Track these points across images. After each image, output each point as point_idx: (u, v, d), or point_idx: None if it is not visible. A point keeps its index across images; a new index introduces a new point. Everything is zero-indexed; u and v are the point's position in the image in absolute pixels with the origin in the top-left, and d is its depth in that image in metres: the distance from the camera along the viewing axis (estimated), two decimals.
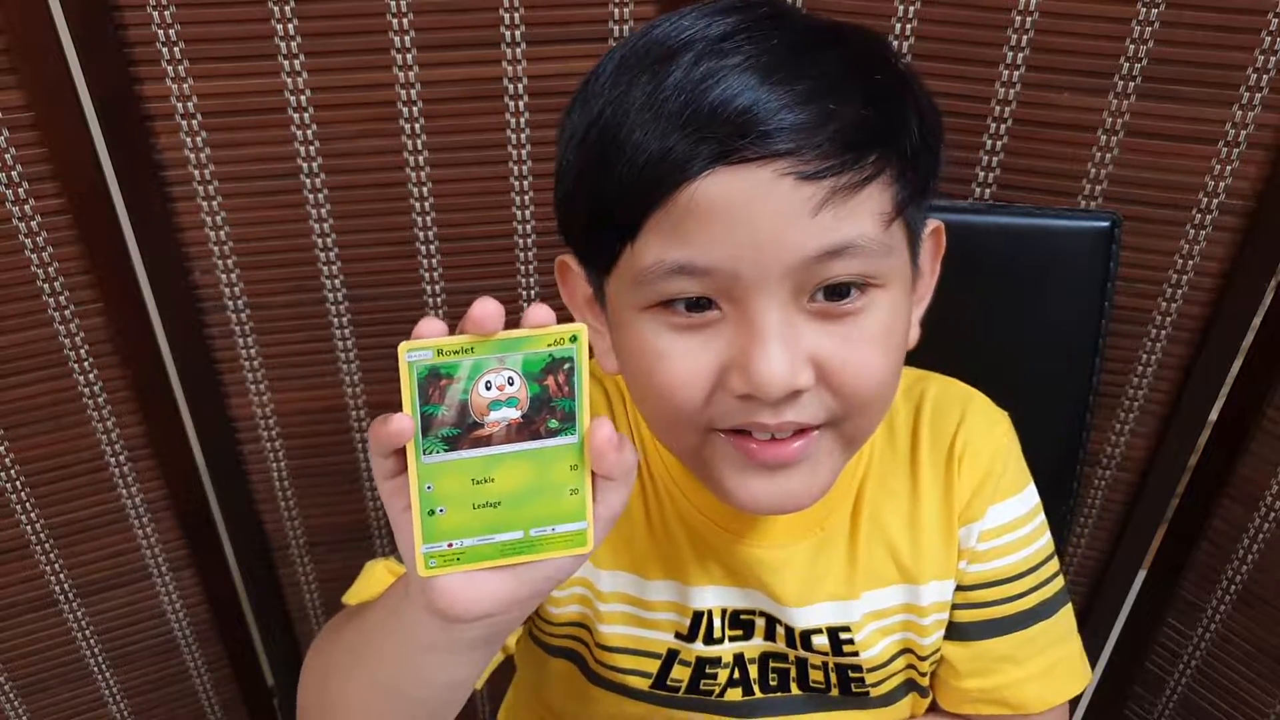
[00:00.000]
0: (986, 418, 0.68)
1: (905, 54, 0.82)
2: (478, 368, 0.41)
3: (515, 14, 0.81)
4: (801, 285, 0.51)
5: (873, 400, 0.55)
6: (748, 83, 0.48)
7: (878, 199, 0.51)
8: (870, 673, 0.67)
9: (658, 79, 0.50)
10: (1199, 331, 0.88)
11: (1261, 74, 0.77)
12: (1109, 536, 1.02)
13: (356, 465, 1.02)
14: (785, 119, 0.48)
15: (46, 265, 0.84)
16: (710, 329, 0.52)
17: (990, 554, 0.66)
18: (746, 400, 0.52)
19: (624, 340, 0.56)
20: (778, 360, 0.50)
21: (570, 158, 0.55)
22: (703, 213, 0.49)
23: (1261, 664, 0.99)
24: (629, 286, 0.53)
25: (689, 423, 0.54)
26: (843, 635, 0.66)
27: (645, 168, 0.49)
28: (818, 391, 0.53)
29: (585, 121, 0.53)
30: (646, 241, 0.51)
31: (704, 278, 0.50)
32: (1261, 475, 0.92)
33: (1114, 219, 0.79)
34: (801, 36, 0.52)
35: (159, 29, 0.78)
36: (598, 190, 0.52)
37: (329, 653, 0.59)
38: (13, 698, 1.05)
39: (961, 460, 0.65)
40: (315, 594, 1.11)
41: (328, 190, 0.87)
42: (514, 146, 0.87)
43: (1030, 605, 0.67)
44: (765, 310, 0.50)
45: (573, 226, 0.57)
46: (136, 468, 0.97)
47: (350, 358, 0.96)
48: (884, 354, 0.54)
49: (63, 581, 1.00)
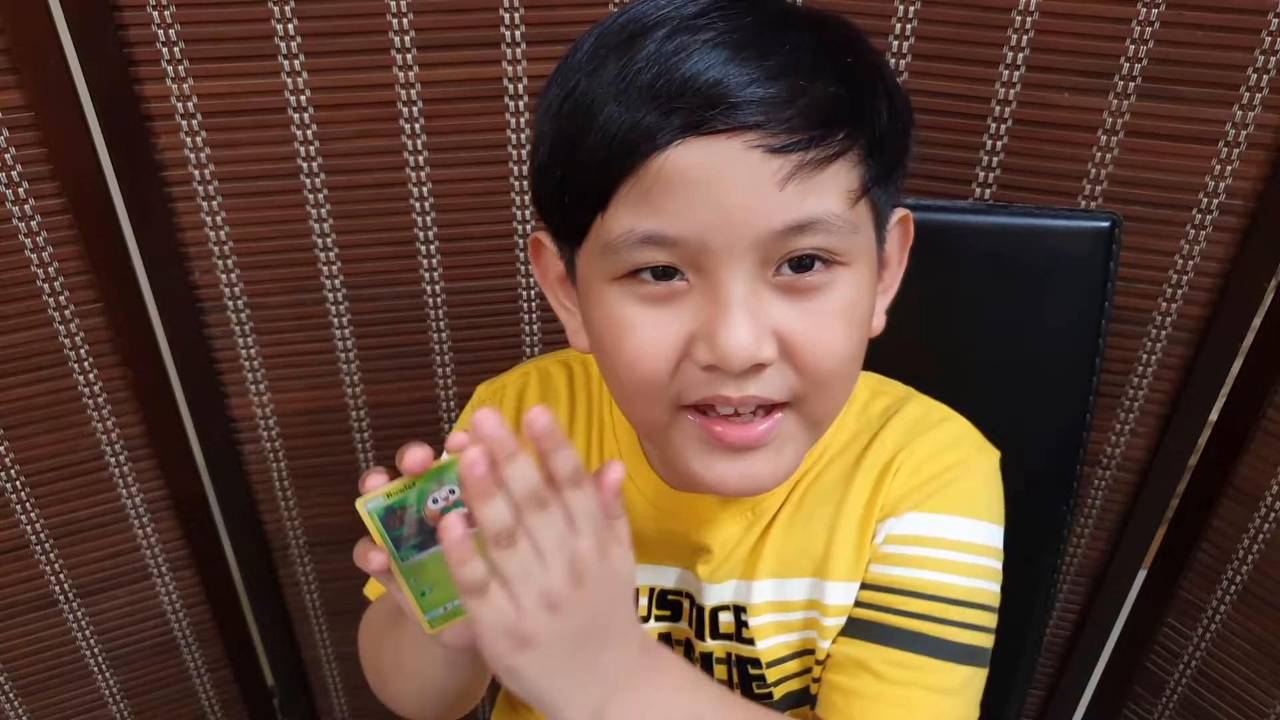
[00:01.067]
0: (953, 436, 0.65)
1: (905, 54, 0.82)
2: (422, 494, 0.51)
3: (515, 14, 0.81)
4: (767, 257, 0.51)
5: (833, 377, 0.55)
6: (718, 57, 0.49)
7: (845, 176, 0.52)
8: (769, 668, 0.67)
9: (631, 52, 0.51)
10: (1199, 331, 0.88)
11: (1261, 74, 0.77)
12: (1109, 536, 1.02)
13: (356, 465, 1.03)
14: (755, 92, 0.49)
15: (46, 265, 0.85)
16: (677, 300, 0.53)
17: (894, 558, 0.62)
18: (711, 372, 0.52)
19: (592, 313, 0.57)
20: (742, 330, 0.51)
21: (544, 129, 0.56)
22: (672, 183, 0.50)
23: (1261, 664, 0.99)
24: (598, 257, 0.54)
25: (656, 396, 0.55)
26: (742, 616, 0.66)
27: (615, 139, 0.50)
28: (780, 367, 0.53)
29: (560, 94, 0.54)
30: (616, 212, 0.52)
31: (672, 247, 0.51)
32: (1261, 475, 0.92)
33: (1114, 219, 0.78)
34: (774, 17, 0.53)
35: (159, 29, 0.78)
36: (569, 161, 0.53)
37: (377, 660, 0.69)
38: (13, 698, 1.05)
39: (900, 467, 0.63)
40: (315, 594, 1.11)
41: (328, 190, 0.87)
42: (514, 146, 0.87)
43: (918, 630, 0.61)
44: (731, 281, 0.51)
45: (545, 198, 0.57)
46: (136, 468, 0.97)
47: (350, 358, 0.96)
48: (846, 331, 0.54)
49: (63, 581, 1.00)
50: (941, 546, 0.62)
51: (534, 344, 0.98)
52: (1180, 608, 1.04)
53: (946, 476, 0.63)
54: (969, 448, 0.65)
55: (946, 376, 0.71)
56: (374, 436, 1.01)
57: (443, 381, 0.99)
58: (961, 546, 0.62)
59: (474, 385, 0.99)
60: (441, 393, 1.00)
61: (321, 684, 1.21)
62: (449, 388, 0.99)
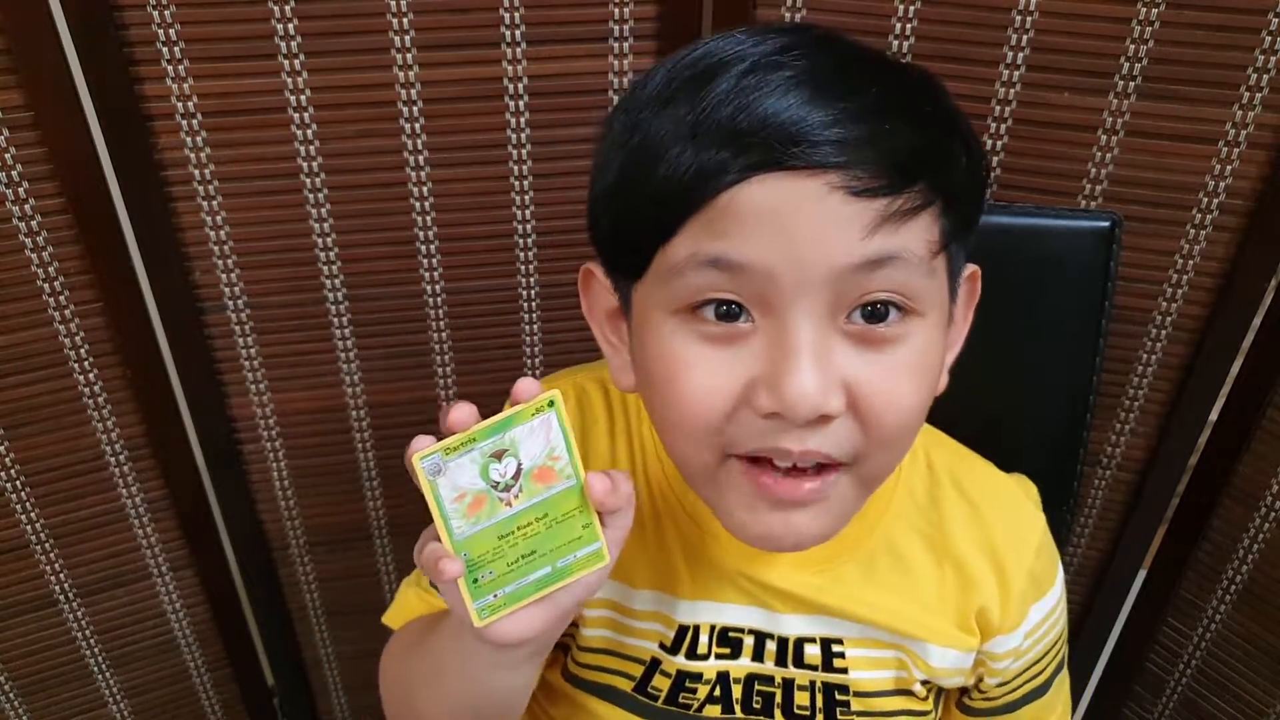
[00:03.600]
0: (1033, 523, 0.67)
1: (905, 54, 0.82)
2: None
3: (515, 14, 0.81)
4: (840, 299, 0.49)
5: (899, 436, 0.53)
6: (799, 96, 0.47)
7: (926, 227, 0.50)
8: (857, 698, 0.66)
9: (706, 88, 0.49)
10: (1199, 331, 0.88)
11: (1261, 74, 0.77)
12: (1109, 536, 1.02)
13: (356, 465, 1.03)
14: (836, 133, 0.47)
15: (46, 265, 0.85)
16: (740, 342, 0.50)
17: (1029, 650, 0.67)
18: (772, 420, 0.50)
19: (647, 347, 0.54)
20: (810, 378, 0.48)
21: (609, 159, 0.54)
22: (743, 213, 0.48)
23: (1261, 664, 0.99)
24: (658, 286, 0.52)
25: (707, 441, 0.52)
26: (834, 648, 0.65)
27: (687, 173, 0.48)
28: (845, 421, 0.51)
29: (628, 125, 0.52)
30: (681, 240, 0.50)
31: (738, 275, 0.49)
32: (1261, 475, 0.92)
33: (1114, 219, 0.78)
34: (854, 59, 0.51)
35: (159, 29, 0.78)
36: (636, 194, 0.51)
37: (406, 673, 0.66)
38: (13, 698, 1.05)
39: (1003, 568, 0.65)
40: (315, 594, 1.11)
41: (328, 190, 0.87)
42: (514, 146, 0.87)
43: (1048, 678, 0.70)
44: (800, 323, 0.49)
45: (605, 228, 0.56)
46: (136, 468, 0.97)
47: (350, 358, 0.96)
48: (917, 387, 0.52)
49: (63, 581, 1.00)
50: (1054, 615, 0.68)
51: (534, 344, 0.98)
52: (1180, 608, 1.04)
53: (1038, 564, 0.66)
54: (1043, 525, 0.68)
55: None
56: (374, 436, 1.01)
57: (443, 381, 0.99)
58: (1059, 606, 0.69)
59: (474, 385, 0.99)
60: (442, 393, 1.00)
61: (321, 684, 1.21)
62: (449, 388, 0.99)
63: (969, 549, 0.65)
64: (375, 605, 1.12)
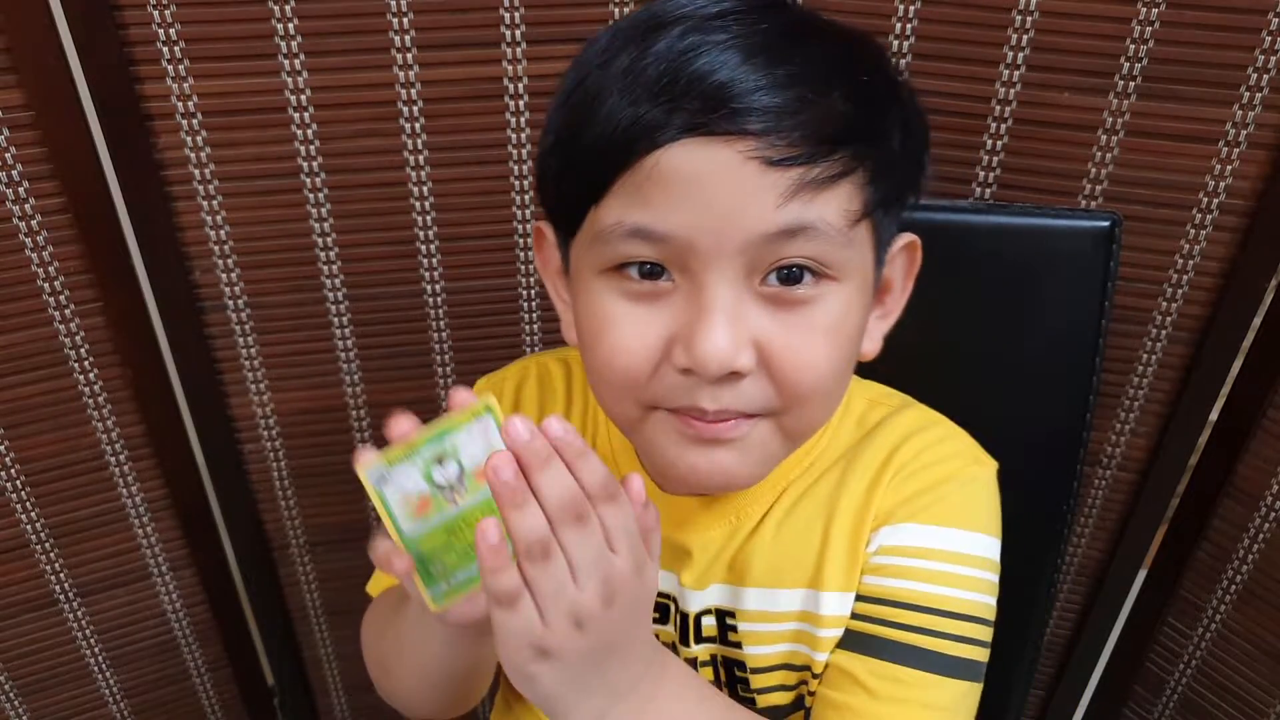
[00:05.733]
0: (949, 446, 0.64)
1: (905, 54, 0.82)
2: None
3: (515, 14, 0.81)
4: (755, 264, 0.51)
5: (812, 394, 0.54)
6: (728, 60, 0.48)
7: (846, 196, 0.51)
8: (754, 674, 0.66)
9: (643, 47, 0.50)
10: (1199, 331, 0.88)
11: (1261, 74, 0.77)
12: (1109, 536, 1.02)
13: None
14: (759, 99, 0.48)
15: (46, 265, 0.85)
16: (661, 300, 0.52)
17: (887, 569, 0.61)
18: (687, 376, 0.52)
19: (578, 305, 0.57)
20: (721, 335, 0.50)
21: (552, 117, 0.56)
22: (666, 180, 0.49)
23: (1261, 664, 0.99)
24: (589, 247, 0.54)
25: (632, 395, 0.55)
26: (728, 620, 0.65)
27: (616, 132, 0.50)
28: (758, 378, 0.52)
29: (571, 84, 0.54)
30: (609, 203, 0.52)
31: (660, 243, 0.51)
32: (1261, 475, 0.92)
33: (1114, 219, 0.78)
34: (794, 26, 0.52)
35: (159, 29, 0.78)
36: (571, 150, 0.53)
37: (380, 646, 0.69)
38: (13, 698, 1.05)
39: (896, 473, 0.62)
40: (315, 594, 1.11)
41: (328, 190, 0.87)
42: (514, 146, 0.87)
43: (911, 642, 0.59)
44: (715, 285, 0.50)
45: (546, 185, 0.57)
46: (136, 467, 0.97)
47: (350, 358, 0.96)
48: (830, 347, 0.53)
49: (63, 581, 1.00)
50: (936, 558, 0.61)
51: (534, 344, 0.98)
52: (1180, 608, 1.04)
53: (944, 488, 0.62)
54: (966, 459, 0.64)
55: (946, 376, 0.71)
56: (374, 436, 1.01)
57: (443, 381, 0.99)
58: (957, 558, 0.61)
59: (474, 385, 0.99)
60: (441, 393, 1.00)
61: (321, 684, 1.21)
62: (449, 388, 0.99)
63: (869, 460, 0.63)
64: None
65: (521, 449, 0.45)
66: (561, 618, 0.47)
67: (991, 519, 0.64)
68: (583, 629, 0.47)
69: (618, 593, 0.48)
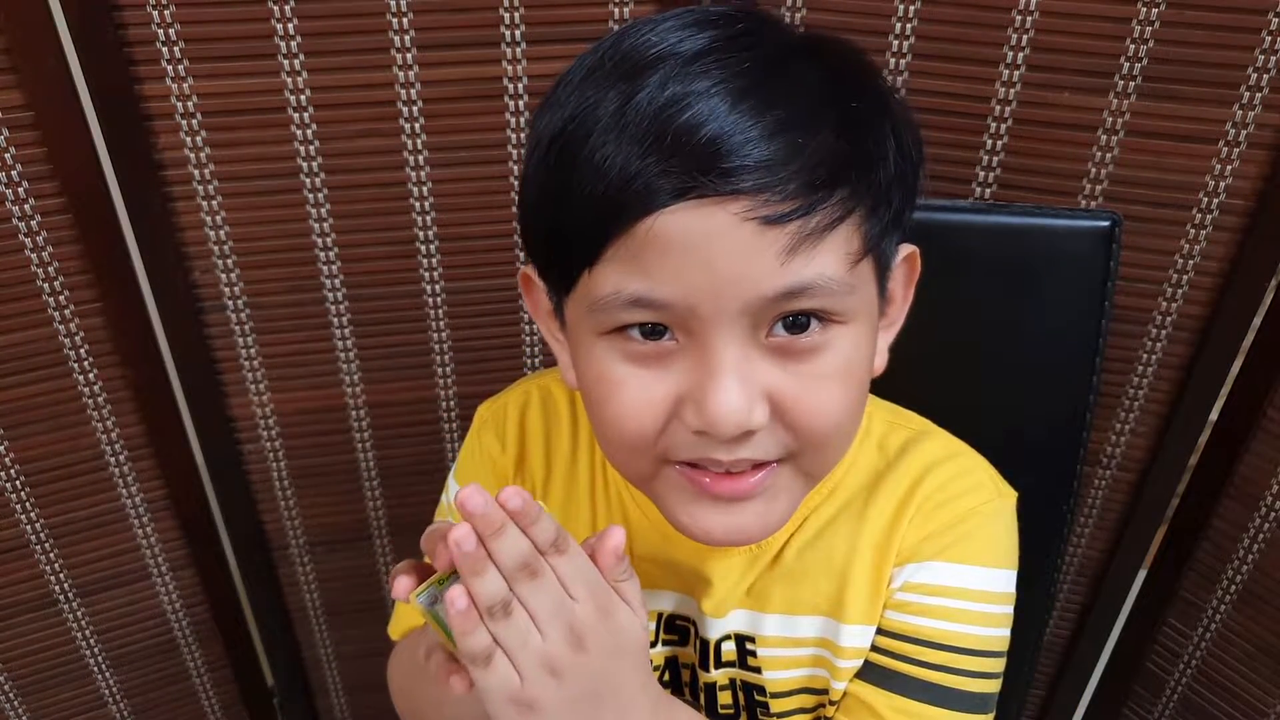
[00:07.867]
0: (973, 479, 0.64)
1: (905, 54, 0.82)
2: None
3: (515, 14, 0.81)
4: (759, 320, 0.49)
5: (830, 437, 0.53)
6: (715, 109, 0.46)
7: (845, 239, 0.50)
8: (774, 699, 0.66)
9: (624, 96, 0.48)
10: (1199, 331, 0.88)
11: (1261, 74, 0.77)
12: (1109, 536, 1.02)
13: (356, 465, 1.03)
14: (750, 154, 0.46)
15: (46, 265, 0.85)
16: (666, 359, 0.51)
17: (911, 607, 0.62)
18: (701, 435, 0.51)
19: (580, 364, 0.55)
20: (733, 397, 0.49)
21: (533, 169, 0.53)
22: (663, 246, 0.48)
23: (1261, 664, 0.99)
24: (586, 312, 0.52)
25: (641, 453, 0.53)
26: (748, 645, 0.65)
27: (606, 195, 0.48)
28: (773, 429, 0.51)
29: (550, 132, 0.51)
30: (604, 270, 0.50)
31: (661, 310, 0.49)
32: (1261, 475, 0.92)
33: (1114, 219, 0.78)
34: (777, 53, 0.50)
35: (159, 29, 0.78)
36: (558, 211, 0.51)
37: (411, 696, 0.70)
38: (13, 698, 1.05)
39: (919, 508, 0.62)
40: (315, 594, 1.11)
41: (328, 190, 0.87)
42: (514, 146, 0.87)
43: (932, 680, 0.61)
44: (722, 345, 0.49)
45: (533, 242, 0.56)
46: (136, 468, 0.97)
47: (350, 358, 0.96)
48: (843, 391, 0.52)
49: (63, 581, 1.00)
50: (960, 597, 0.61)
51: (534, 344, 0.98)
52: (1180, 608, 1.04)
53: (967, 525, 0.62)
54: (988, 492, 0.64)
55: (946, 376, 0.71)
56: (374, 436, 1.01)
57: (443, 381, 0.99)
58: (980, 596, 0.61)
59: (474, 385, 0.99)
60: (441, 393, 1.00)
61: (321, 684, 1.21)
62: (449, 388, 0.99)
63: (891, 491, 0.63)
64: (375, 605, 1.12)
65: (477, 520, 0.47)
66: (535, 668, 0.48)
67: (1011, 552, 0.64)
68: (559, 677, 0.49)
69: (585, 636, 0.49)
